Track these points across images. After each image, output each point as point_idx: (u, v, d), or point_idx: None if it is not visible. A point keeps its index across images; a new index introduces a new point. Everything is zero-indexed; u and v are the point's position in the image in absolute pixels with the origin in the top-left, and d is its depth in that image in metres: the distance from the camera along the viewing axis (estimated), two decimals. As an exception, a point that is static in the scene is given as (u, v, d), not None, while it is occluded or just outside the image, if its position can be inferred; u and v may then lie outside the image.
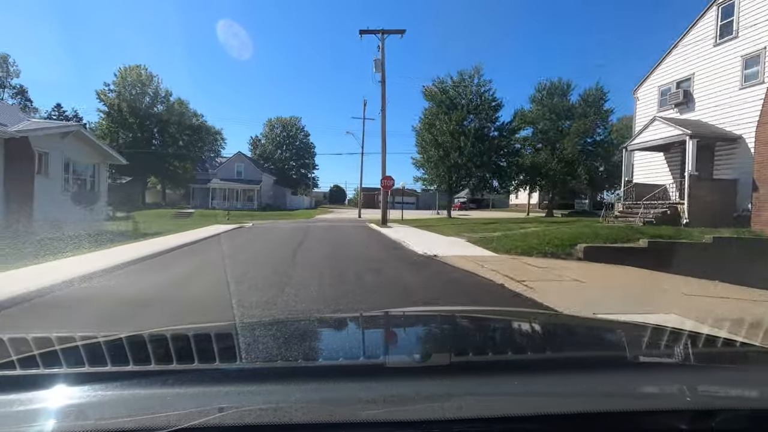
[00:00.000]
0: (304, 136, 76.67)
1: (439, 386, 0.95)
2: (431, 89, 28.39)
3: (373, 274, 8.08)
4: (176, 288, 6.85)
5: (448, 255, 10.25)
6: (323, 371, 1.14)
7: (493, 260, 9.52)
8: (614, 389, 0.98)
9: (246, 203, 44.90)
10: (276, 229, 21.67)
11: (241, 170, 46.30)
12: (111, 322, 4.71)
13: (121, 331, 1.37)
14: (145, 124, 48.09)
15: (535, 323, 1.99)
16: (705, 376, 1.15)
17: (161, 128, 49.22)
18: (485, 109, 27.47)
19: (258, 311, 5.05)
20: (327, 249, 12.04)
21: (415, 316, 2.26)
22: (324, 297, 5.92)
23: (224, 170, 46.24)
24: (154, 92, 49.39)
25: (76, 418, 0.80)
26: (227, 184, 44.74)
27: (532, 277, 7.41)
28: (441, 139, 27.20)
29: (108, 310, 5.35)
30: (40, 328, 4.35)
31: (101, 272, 7.39)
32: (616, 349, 1.55)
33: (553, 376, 1.05)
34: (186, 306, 5.63)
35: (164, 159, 51.30)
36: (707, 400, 0.96)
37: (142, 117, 48.02)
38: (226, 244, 13.26)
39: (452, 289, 7.11)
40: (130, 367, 1.05)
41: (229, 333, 1.50)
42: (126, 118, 47.52)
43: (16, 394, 0.88)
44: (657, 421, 0.85)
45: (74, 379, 0.96)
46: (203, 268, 9.05)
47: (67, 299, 5.77)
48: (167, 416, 0.77)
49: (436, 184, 30.56)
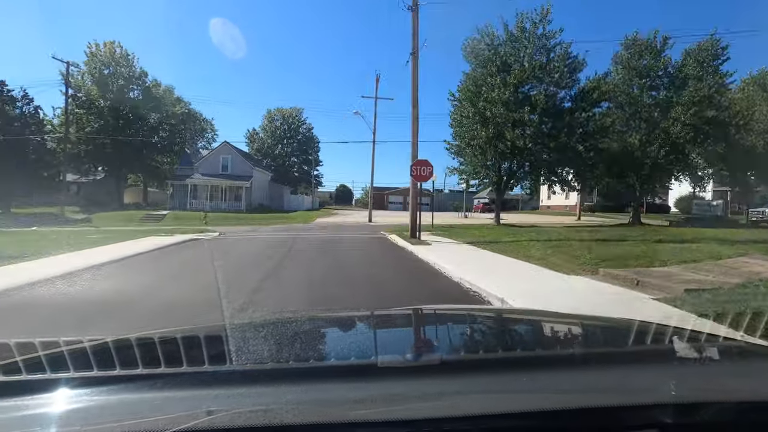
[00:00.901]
0: (306, 130, 69.23)
1: (431, 385, 0.95)
2: (474, 44, 20.13)
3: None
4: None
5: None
6: (314, 372, 1.11)
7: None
8: (600, 385, 0.99)
9: (233, 203, 37.24)
10: (246, 243, 14.13)
11: (227, 164, 38.51)
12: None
13: (106, 336, 1.33)
14: (119, 110, 40.65)
15: (525, 322, 2.00)
16: (690, 369, 1.17)
17: (138, 115, 41.76)
18: (556, 71, 19.30)
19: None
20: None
21: (406, 315, 2.12)
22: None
23: (207, 164, 38.45)
24: (129, 73, 41.99)
25: (63, 425, 0.79)
26: (210, 180, 37.04)
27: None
28: (492, 112, 19.01)
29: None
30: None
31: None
32: (602, 346, 1.55)
33: (543, 373, 1.04)
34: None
35: (142, 151, 43.89)
36: (693, 394, 0.94)
37: (115, 101, 40.60)
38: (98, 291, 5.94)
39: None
40: (116, 371, 1.02)
41: (218, 335, 1.47)
42: (95, 101, 40.13)
43: (1, 401, 0.86)
44: (643, 415, 0.85)
45: (59, 384, 0.94)
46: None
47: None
48: (156, 420, 0.76)
49: (480, 176, 22.30)
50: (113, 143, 42.98)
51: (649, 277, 6.54)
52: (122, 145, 43.04)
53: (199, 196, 37.34)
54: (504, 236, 14.95)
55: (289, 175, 69.26)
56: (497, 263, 8.83)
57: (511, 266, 8.41)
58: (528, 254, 9.77)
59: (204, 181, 37.30)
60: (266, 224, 25.67)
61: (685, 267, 7.50)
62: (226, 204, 37.12)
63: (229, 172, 38.52)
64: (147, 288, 6.58)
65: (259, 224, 25.45)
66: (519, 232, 17.13)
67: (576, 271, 7.45)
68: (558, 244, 11.60)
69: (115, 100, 40.74)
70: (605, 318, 2.38)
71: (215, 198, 37.60)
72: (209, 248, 12.18)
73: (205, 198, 37.07)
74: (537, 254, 9.67)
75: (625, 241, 12.18)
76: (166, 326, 4.85)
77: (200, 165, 38.53)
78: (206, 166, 38.41)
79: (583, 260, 8.40)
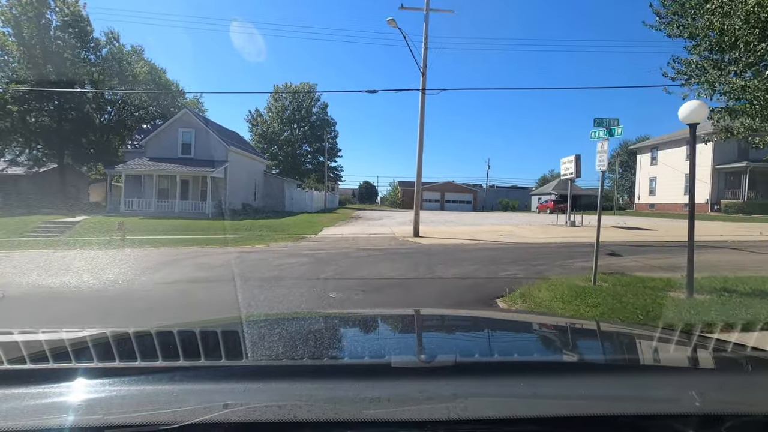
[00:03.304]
0: (320, 110, 55.79)
1: (445, 386, 0.94)
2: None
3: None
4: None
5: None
6: (328, 370, 1.12)
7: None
8: (622, 393, 0.97)
9: (197, 203, 23.90)
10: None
11: (189, 141, 24.99)
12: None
13: (128, 327, 1.33)
14: (46, 67, 28.17)
15: (542, 326, 1.94)
16: (714, 380, 1.13)
17: (77, 74, 29.18)
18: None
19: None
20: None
21: (421, 317, 2.12)
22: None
23: (158, 143, 25.12)
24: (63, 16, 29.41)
25: (85, 412, 0.81)
26: (161, 166, 23.82)
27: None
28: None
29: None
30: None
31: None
32: (624, 353, 1.51)
33: (559, 379, 1.02)
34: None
35: (84, 130, 31.39)
36: (717, 405, 0.91)
37: (43, 54, 28.14)
38: None
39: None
40: (138, 363, 1.05)
41: (235, 330, 1.48)
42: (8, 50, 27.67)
43: (27, 388, 0.88)
44: (665, 425, 0.84)
45: (82, 373, 0.96)
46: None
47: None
48: (174, 412, 0.78)
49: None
50: (48, 114, 30.66)
51: None
52: (61, 119, 30.66)
53: (146, 192, 24.21)
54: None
55: (301, 167, 56.24)
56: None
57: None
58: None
59: (151, 168, 24.02)
60: (213, 251, 12.12)
61: None
62: (187, 204, 23.80)
63: (192, 155, 25.18)
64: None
65: (202, 247, 11.96)
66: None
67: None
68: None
69: (43, 53, 28.21)
70: (624, 325, 2.45)
71: (170, 195, 24.37)
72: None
73: (154, 195, 23.88)
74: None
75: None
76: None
77: (148, 144, 25.25)
78: (156, 147, 25.09)
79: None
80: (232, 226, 20.10)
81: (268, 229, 19.44)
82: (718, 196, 32.85)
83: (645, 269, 8.54)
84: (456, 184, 60.88)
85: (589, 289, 5.99)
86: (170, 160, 24.43)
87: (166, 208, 23.25)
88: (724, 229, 18.08)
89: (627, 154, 53.32)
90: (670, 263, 9.24)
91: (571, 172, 21.96)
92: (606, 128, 5.98)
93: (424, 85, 16.48)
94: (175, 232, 18.37)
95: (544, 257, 10.41)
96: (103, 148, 33.73)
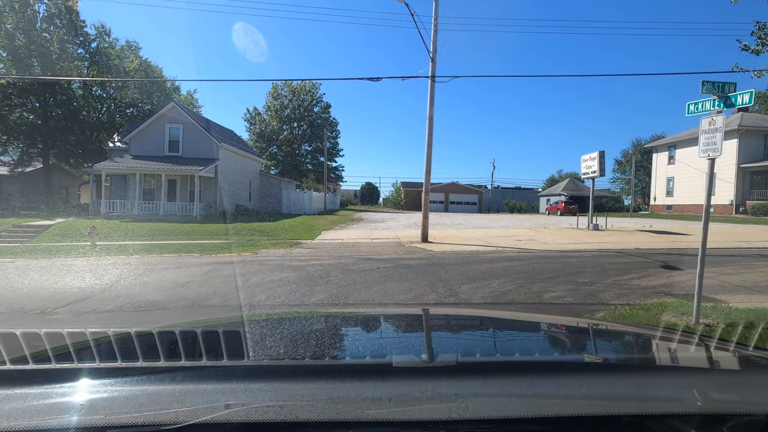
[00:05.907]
0: (322, 110, 53.87)
1: (446, 386, 0.93)
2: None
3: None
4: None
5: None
6: (329, 369, 1.11)
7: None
8: (623, 392, 0.96)
9: (185, 204, 22.02)
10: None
11: (177, 137, 23.21)
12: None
13: (130, 327, 1.30)
14: (30, 60, 26.38)
15: (544, 326, 1.89)
16: (716, 380, 1.12)
17: (61, 67, 27.38)
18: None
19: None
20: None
21: (421, 316, 2.11)
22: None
23: (143, 139, 23.27)
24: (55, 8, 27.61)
25: (88, 413, 0.80)
26: (145, 164, 21.97)
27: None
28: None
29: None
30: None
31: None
32: (625, 352, 1.50)
33: (561, 379, 1.02)
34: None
35: (72, 128, 29.63)
36: (718, 405, 0.91)
37: (27, 46, 26.36)
38: None
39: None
40: (139, 363, 1.04)
41: (236, 330, 1.47)
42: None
43: (29, 388, 0.88)
44: (667, 425, 0.83)
45: (85, 373, 0.96)
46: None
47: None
48: (176, 412, 0.78)
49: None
50: (32, 111, 28.90)
51: None
52: (46, 116, 28.88)
53: (129, 192, 22.35)
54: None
55: (301, 167, 54.32)
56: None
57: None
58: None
59: (135, 167, 22.14)
60: (183, 255, 10.19)
61: None
62: (174, 206, 21.90)
63: (180, 153, 23.30)
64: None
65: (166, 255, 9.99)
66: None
67: None
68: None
69: (28, 43, 26.43)
70: (626, 324, 2.29)
71: (155, 196, 22.48)
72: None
73: (137, 196, 22.01)
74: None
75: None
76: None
77: (133, 141, 23.38)
78: (141, 144, 23.22)
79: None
80: (220, 230, 18.22)
81: (260, 233, 17.54)
82: (743, 197, 30.79)
83: (734, 290, 6.58)
84: (460, 184, 58.83)
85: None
86: (156, 158, 22.57)
87: (150, 210, 21.38)
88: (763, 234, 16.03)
89: (641, 153, 51.17)
90: (755, 280, 7.27)
91: (593, 170, 19.98)
92: (719, 96, 4.06)
93: (434, 71, 14.56)
94: (155, 236, 16.50)
95: (586, 271, 8.46)
96: (92, 147, 31.94)
